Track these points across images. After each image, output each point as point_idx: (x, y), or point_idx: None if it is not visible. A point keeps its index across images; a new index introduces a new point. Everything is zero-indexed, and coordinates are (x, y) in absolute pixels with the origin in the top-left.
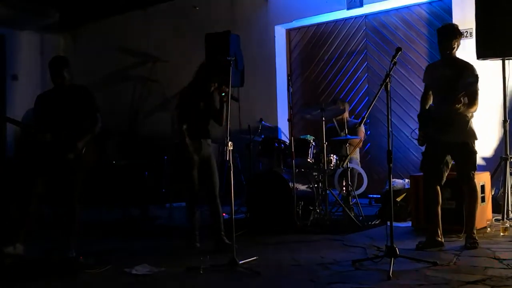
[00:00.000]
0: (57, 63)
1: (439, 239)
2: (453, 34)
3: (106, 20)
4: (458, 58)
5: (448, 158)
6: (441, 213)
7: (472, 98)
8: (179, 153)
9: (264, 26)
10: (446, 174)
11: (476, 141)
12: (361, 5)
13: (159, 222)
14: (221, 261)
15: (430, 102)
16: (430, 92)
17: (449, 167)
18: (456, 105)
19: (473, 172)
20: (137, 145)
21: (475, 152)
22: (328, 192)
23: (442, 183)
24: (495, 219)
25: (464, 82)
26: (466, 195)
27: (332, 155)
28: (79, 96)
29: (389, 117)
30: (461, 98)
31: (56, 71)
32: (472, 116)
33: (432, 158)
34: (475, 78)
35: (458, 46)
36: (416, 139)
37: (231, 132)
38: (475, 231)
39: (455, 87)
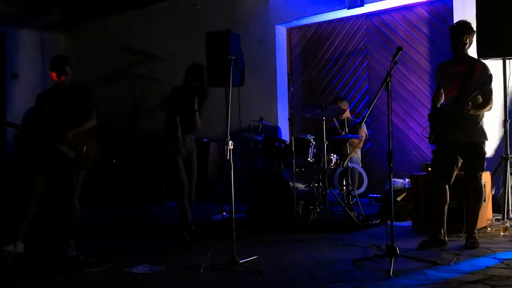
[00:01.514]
0: (59, 62)
1: (442, 238)
2: (463, 30)
3: (106, 19)
4: (469, 56)
5: (458, 157)
6: None
7: (486, 98)
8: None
9: (264, 25)
10: (455, 173)
11: (486, 142)
12: (361, 4)
13: (160, 221)
14: (222, 260)
15: (442, 100)
16: (442, 91)
17: (459, 166)
18: (467, 107)
19: (480, 172)
20: (137, 144)
21: (484, 153)
22: (328, 191)
23: (451, 182)
24: (495, 219)
25: (477, 82)
26: (471, 195)
27: (332, 154)
28: (79, 95)
29: (390, 116)
30: (472, 99)
31: (58, 69)
32: (483, 116)
33: (442, 157)
34: (488, 77)
35: (470, 43)
36: (427, 137)
37: (231, 131)
38: (476, 231)
39: (466, 85)
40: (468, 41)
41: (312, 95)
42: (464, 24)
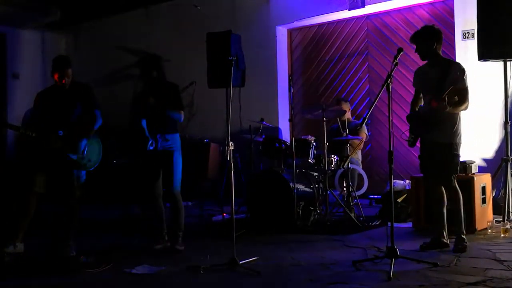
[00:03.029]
0: (61, 63)
1: (444, 240)
2: (415, 39)
3: (107, 19)
4: (443, 58)
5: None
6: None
7: (462, 96)
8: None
9: (265, 26)
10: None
11: (460, 145)
12: (362, 5)
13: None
14: (222, 260)
15: (421, 104)
16: (421, 95)
17: None
18: (443, 103)
19: (454, 175)
20: (137, 144)
21: (456, 155)
22: (328, 192)
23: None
24: (495, 221)
25: (450, 78)
26: (450, 199)
27: (332, 155)
28: (80, 94)
29: (390, 117)
30: (447, 95)
31: (61, 70)
32: (459, 118)
33: (425, 159)
34: (462, 72)
35: (438, 46)
36: (406, 140)
37: (232, 132)
38: (464, 231)
39: (442, 86)
40: (435, 46)
41: (312, 96)
42: (420, 32)
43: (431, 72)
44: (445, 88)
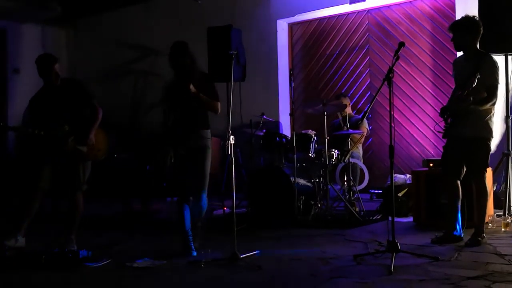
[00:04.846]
0: (46, 61)
1: (457, 234)
2: (453, 28)
3: (107, 14)
4: (478, 51)
5: (464, 152)
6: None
7: (490, 92)
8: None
9: (266, 20)
10: (465, 168)
11: (491, 138)
12: None
13: (160, 216)
14: (222, 255)
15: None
16: None
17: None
18: (466, 104)
19: (483, 170)
20: (138, 139)
21: (487, 149)
22: (329, 187)
23: (461, 178)
24: (496, 215)
25: (480, 74)
26: (475, 193)
27: (333, 150)
28: (72, 90)
29: (391, 112)
30: (473, 94)
31: (47, 69)
32: (489, 112)
33: (449, 152)
34: (492, 68)
35: (475, 38)
36: (439, 132)
37: (232, 126)
38: (484, 229)
39: (469, 81)
40: (472, 39)
41: (313, 91)
42: (459, 22)
43: (465, 66)
44: (467, 85)
